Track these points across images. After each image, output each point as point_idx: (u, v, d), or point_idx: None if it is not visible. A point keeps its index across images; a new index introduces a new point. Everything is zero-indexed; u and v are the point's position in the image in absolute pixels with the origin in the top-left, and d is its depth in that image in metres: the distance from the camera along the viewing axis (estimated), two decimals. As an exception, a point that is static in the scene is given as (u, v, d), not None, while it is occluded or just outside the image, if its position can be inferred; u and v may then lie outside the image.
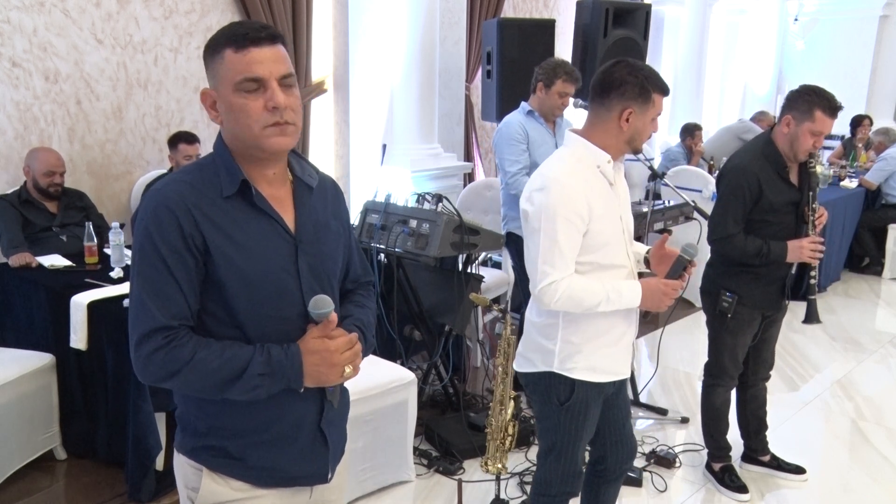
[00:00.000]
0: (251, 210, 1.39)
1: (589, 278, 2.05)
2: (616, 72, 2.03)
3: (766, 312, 2.97)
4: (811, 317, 2.90)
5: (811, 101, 2.68)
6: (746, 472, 3.26)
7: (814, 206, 2.79)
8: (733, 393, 3.18)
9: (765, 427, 3.26)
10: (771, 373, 3.20)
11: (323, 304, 1.39)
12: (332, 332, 1.41)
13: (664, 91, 2.05)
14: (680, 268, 2.08)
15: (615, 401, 2.28)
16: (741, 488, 3.11)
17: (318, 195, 1.52)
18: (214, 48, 1.36)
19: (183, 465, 1.51)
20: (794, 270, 2.98)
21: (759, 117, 7.58)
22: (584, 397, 2.14)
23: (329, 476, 1.57)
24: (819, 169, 2.84)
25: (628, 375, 2.24)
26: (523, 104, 3.68)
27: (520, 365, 2.26)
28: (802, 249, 2.76)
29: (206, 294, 1.38)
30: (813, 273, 2.85)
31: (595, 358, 2.13)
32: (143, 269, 1.34)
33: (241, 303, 1.38)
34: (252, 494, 1.48)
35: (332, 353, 1.40)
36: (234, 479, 1.47)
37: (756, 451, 3.29)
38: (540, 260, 2.02)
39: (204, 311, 1.39)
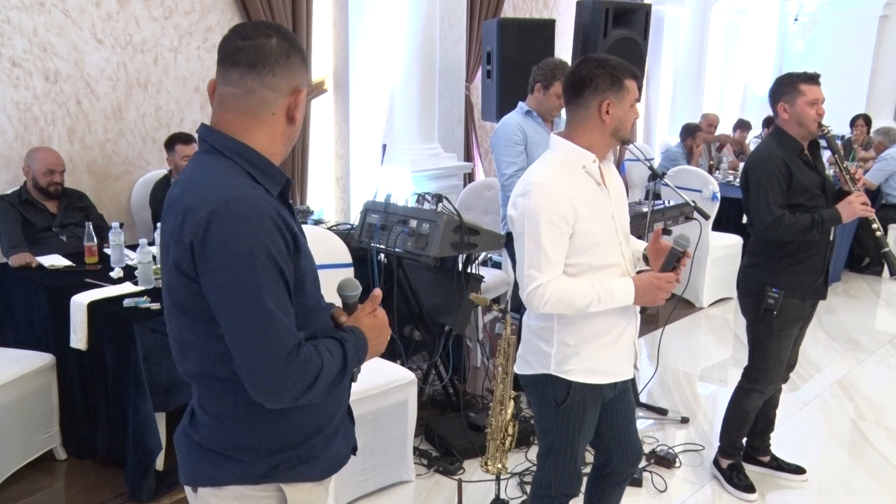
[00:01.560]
0: (287, 207, 1.40)
1: (580, 279, 2.04)
2: (584, 69, 2.05)
3: (809, 307, 2.98)
4: (894, 266, 2.89)
5: (791, 81, 2.85)
6: (746, 471, 3.25)
7: (844, 165, 2.87)
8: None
9: (771, 428, 3.26)
10: (790, 374, 3.19)
11: (353, 285, 1.46)
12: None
13: (634, 75, 2.06)
14: (673, 260, 2.07)
15: (618, 405, 2.26)
16: (748, 487, 3.10)
17: None
18: (301, 53, 1.38)
19: (245, 498, 1.42)
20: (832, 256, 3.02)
21: (702, 119, 7.70)
22: (580, 399, 2.14)
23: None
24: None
25: (630, 376, 2.22)
26: (521, 104, 3.68)
27: (519, 367, 2.27)
28: (852, 205, 2.79)
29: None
30: (876, 226, 2.88)
31: (593, 359, 2.12)
32: (269, 286, 1.25)
33: (310, 299, 1.40)
34: (319, 493, 1.50)
35: (383, 323, 1.48)
36: (308, 482, 1.46)
37: (758, 450, 3.28)
38: (526, 264, 2.03)
39: None
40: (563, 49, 6.24)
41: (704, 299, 5.49)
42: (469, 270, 3.50)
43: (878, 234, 2.88)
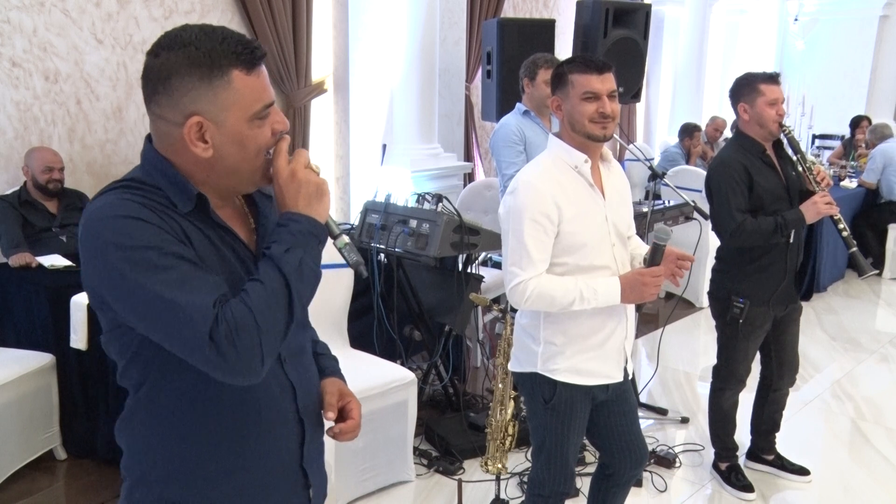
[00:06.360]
0: (210, 230, 1.21)
1: (565, 278, 2.05)
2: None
3: (779, 312, 2.96)
4: (862, 269, 2.86)
5: (750, 81, 2.85)
6: (750, 470, 3.26)
7: (808, 165, 2.84)
8: (754, 392, 3.18)
9: (776, 429, 3.27)
10: (796, 377, 3.18)
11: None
12: None
13: (582, 67, 2.05)
14: (658, 254, 2.07)
15: (616, 407, 2.25)
16: (746, 487, 3.11)
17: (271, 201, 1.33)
18: (213, 67, 1.13)
19: None
20: (800, 261, 2.98)
21: (709, 123, 7.69)
22: (568, 398, 2.14)
23: None
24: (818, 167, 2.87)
25: (619, 379, 2.19)
26: (518, 105, 3.68)
27: (511, 364, 2.29)
28: (816, 205, 2.75)
29: None
30: (841, 226, 2.84)
31: (578, 360, 2.12)
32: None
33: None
34: None
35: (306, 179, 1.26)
36: None
37: (762, 449, 3.30)
38: (509, 261, 2.05)
39: None
40: (563, 49, 6.24)
41: (704, 299, 5.48)
42: (469, 270, 3.50)
43: (845, 234, 2.84)
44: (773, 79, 2.83)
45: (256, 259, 1.24)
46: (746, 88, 2.83)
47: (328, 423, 1.39)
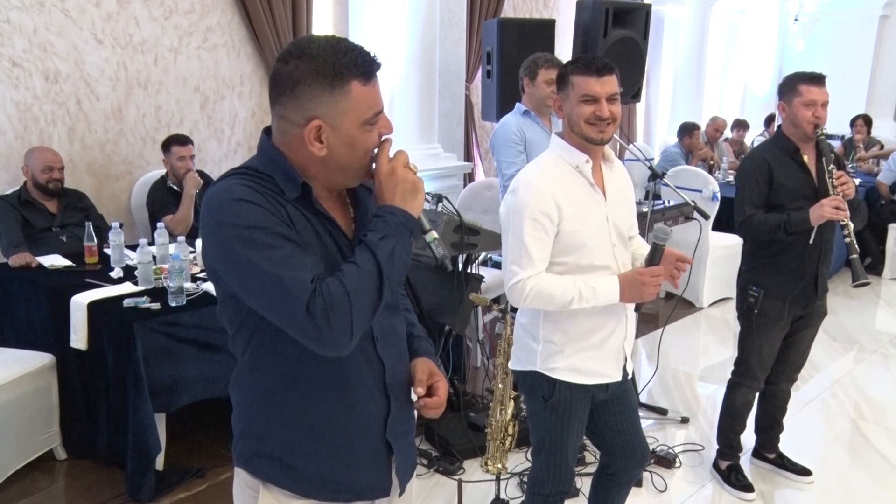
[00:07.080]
0: (313, 216, 1.34)
1: (565, 277, 2.05)
2: None
3: (798, 311, 2.96)
4: (857, 276, 2.84)
5: (792, 81, 2.85)
6: (753, 467, 3.27)
7: (829, 168, 2.81)
8: None
9: (778, 428, 3.27)
10: (797, 376, 3.18)
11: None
12: None
13: (582, 69, 2.05)
14: (657, 253, 2.07)
15: (616, 406, 2.25)
16: (746, 487, 3.11)
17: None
18: (335, 77, 1.26)
19: (241, 486, 1.43)
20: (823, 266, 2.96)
21: (709, 123, 7.72)
22: (567, 397, 2.14)
23: (398, 492, 1.52)
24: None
25: (618, 378, 2.19)
26: (518, 105, 3.68)
27: (511, 363, 2.30)
28: (823, 208, 2.72)
29: None
30: (846, 232, 2.80)
31: (577, 359, 2.12)
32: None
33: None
34: None
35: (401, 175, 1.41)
36: (293, 494, 1.39)
37: (763, 447, 3.31)
38: (508, 259, 2.06)
39: None
40: (563, 49, 6.24)
41: (704, 299, 5.50)
42: (469, 270, 3.50)
43: (847, 240, 2.80)
44: (814, 80, 2.80)
45: (353, 246, 1.35)
46: (787, 87, 2.84)
47: (415, 400, 1.51)
